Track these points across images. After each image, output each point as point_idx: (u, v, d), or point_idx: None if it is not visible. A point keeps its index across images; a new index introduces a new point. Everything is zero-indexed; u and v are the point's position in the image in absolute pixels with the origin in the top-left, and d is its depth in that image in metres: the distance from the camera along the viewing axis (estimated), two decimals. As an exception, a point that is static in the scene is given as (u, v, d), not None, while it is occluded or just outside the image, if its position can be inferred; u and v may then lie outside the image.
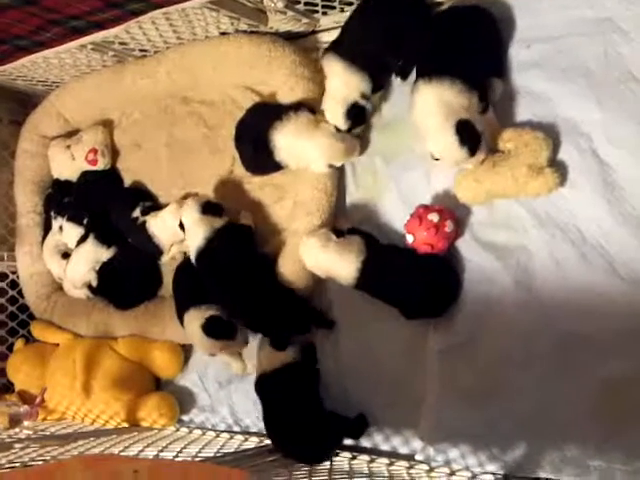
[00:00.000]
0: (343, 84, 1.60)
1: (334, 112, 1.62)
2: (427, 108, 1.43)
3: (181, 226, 1.79)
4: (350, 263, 1.53)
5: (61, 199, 2.19)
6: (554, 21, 1.45)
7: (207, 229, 1.71)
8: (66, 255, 2.14)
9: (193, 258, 1.74)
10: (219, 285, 1.72)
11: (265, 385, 1.68)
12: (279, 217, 1.80)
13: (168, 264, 1.97)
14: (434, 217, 1.47)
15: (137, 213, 1.95)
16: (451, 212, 1.51)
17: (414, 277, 1.51)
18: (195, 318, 1.73)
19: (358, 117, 1.63)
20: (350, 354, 1.68)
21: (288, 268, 1.69)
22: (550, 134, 1.41)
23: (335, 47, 1.60)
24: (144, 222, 1.91)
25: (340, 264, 1.55)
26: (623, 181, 1.35)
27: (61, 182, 2.20)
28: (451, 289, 1.51)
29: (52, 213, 2.20)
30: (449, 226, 1.48)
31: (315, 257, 1.59)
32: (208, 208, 1.75)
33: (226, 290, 1.71)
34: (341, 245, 1.57)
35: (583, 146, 1.39)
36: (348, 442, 1.64)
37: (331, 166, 1.64)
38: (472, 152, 1.41)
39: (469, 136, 1.40)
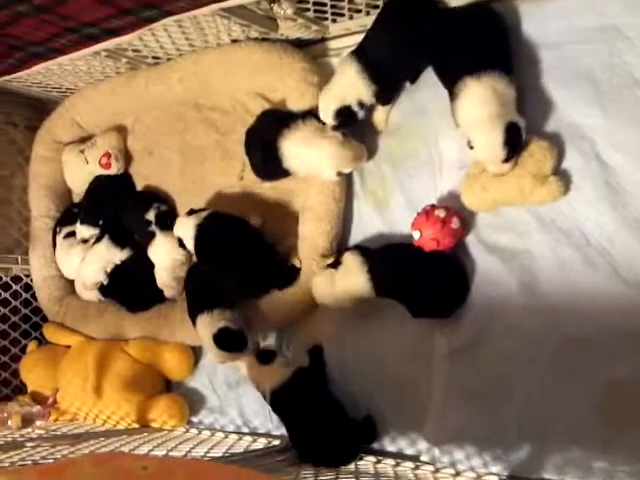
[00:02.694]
0: (347, 85, 1.60)
1: (326, 107, 1.64)
2: (480, 101, 1.40)
3: (181, 243, 1.84)
4: (359, 277, 1.55)
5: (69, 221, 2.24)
6: (559, 28, 1.46)
7: (196, 218, 1.79)
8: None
9: (192, 248, 1.80)
10: (219, 261, 1.79)
11: (280, 401, 1.67)
12: (289, 221, 1.82)
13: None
14: (441, 212, 1.48)
15: (151, 216, 1.97)
16: (458, 211, 1.51)
17: (424, 273, 1.52)
18: (207, 324, 1.74)
19: (346, 120, 1.63)
20: (356, 357, 1.69)
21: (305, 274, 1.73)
22: (554, 139, 1.43)
23: (357, 52, 1.60)
24: (154, 233, 1.96)
25: (353, 284, 1.57)
26: (627, 185, 1.36)
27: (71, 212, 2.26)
28: (460, 288, 1.51)
29: (57, 228, 2.24)
30: (455, 222, 1.48)
31: (329, 293, 1.62)
32: (192, 211, 1.83)
33: (225, 265, 1.78)
34: (342, 270, 1.60)
35: (587, 150, 1.40)
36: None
37: (340, 174, 1.65)
38: (508, 159, 1.40)
39: (514, 142, 1.39)
